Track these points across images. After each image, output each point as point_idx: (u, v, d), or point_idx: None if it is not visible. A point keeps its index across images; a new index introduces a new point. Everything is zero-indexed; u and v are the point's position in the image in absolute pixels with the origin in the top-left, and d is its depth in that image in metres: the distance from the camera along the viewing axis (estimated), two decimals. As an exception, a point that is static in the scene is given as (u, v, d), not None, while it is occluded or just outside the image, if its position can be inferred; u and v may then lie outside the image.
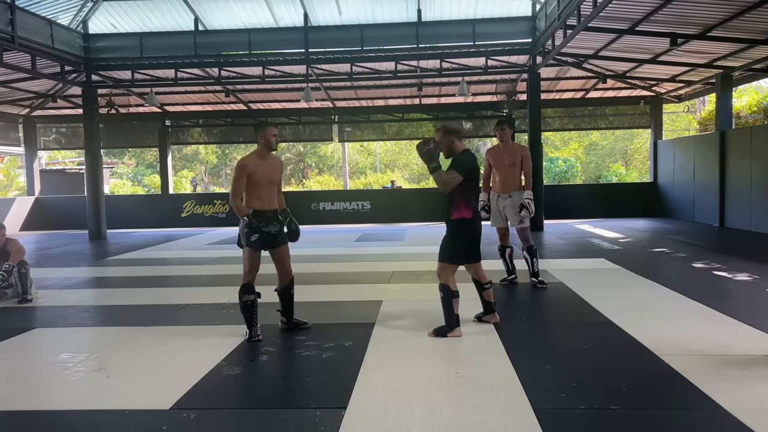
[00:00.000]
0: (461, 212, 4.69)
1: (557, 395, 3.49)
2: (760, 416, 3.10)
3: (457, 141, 4.74)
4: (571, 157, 29.88)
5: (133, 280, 8.02)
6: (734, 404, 3.25)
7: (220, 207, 17.05)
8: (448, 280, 4.69)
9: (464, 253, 4.78)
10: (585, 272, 7.66)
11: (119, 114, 16.07)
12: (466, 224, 4.72)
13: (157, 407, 3.46)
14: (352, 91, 16.19)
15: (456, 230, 4.75)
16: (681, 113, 26.07)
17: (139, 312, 5.97)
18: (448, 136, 4.72)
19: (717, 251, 9.34)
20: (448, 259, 4.73)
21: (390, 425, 3.12)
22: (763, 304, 5.64)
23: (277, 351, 4.49)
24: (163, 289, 7.25)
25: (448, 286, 4.67)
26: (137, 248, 11.81)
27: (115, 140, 18.80)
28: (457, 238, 4.76)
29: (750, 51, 11.29)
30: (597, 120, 17.75)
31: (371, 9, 13.05)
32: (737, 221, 12.33)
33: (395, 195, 18.30)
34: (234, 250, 11.04)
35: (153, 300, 6.54)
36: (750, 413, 3.13)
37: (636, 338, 4.54)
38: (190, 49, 13.18)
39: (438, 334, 4.70)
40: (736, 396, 3.37)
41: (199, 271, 8.68)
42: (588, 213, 16.04)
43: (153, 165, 32.58)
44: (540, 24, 12.14)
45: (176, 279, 8.19)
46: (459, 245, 4.75)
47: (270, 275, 5.37)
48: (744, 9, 9.11)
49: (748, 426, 3.00)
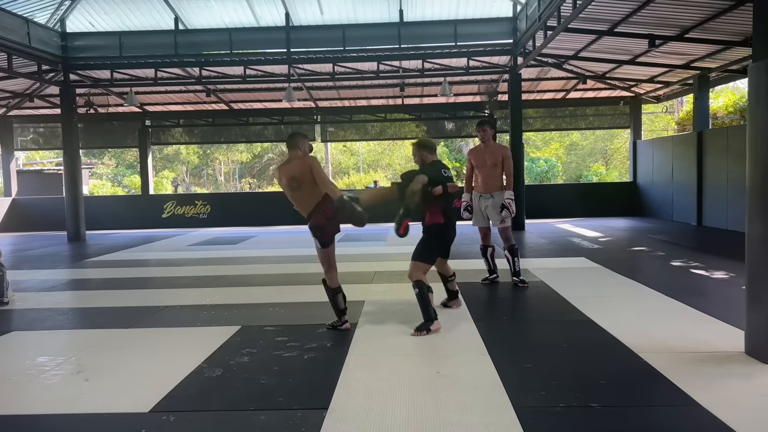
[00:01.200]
0: (434, 218, 5.07)
1: (537, 393, 3.52)
2: (735, 412, 3.15)
3: (427, 154, 5.23)
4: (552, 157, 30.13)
5: (112, 282, 7.93)
6: (710, 400, 3.30)
7: (201, 207, 16.93)
8: (421, 277, 4.97)
9: (435, 254, 5.13)
10: (565, 271, 7.73)
11: (98, 114, 15.90)
12: (438, 228, 5.09)
13: (136, 410, 3.42)
14: (334, 91, 16.16)
15: (430, 234, 5.11)
16: (660, 114, 26.41)
17: (119, 314, 5.91)
18: (420, 150, 5.25)
19: (695, 249, 9.48)
20: (421, 258, 5.04)
21: (371, 425, 3.12)
22: (738, 302, 5.71)
23: (259, 352, 4.47)
24: (144, 291, 7.18)
25: (422, 281, 4.94)
26: (117, 250, 11.67)
27: (95, 140, 18.59)
28: (431, 240, 5.10)
29: (726, 52, 11.47)
30: (577, 120, 17.92)
31: (353, 9, 13.05)
32: (714, 220, 12.52)
33: (378, 195, 18.26)
34: (216, 251, 11.03)
35: (133, 302, 6.47)
36: (725, 409, 3.19)
37: (615, 336, 4.59)
38: (171, 48, 13.06)
39: (420, 331, 4.81)
40: (712, 392, 3.43)
41: (180, 272, 8.61)
42: (569, 212, 16.19)
43: (133, 165, 32.22)
44: (521, 25, 12.22)
45: (157, 280, 8.11)
46: (433, 247, 5.10)
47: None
48: (720, 11, 9.25)
49: (723, 421, 3.05)
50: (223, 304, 6.21)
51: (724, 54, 11.61)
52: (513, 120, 13.30)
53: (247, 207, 17.27)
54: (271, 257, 9.93)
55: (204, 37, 13.36)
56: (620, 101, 16.82)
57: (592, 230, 12.79)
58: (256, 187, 36.23)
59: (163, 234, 14.91)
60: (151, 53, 13.18)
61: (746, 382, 3.59)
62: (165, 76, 13.97)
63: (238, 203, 17.91)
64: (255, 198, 20.68)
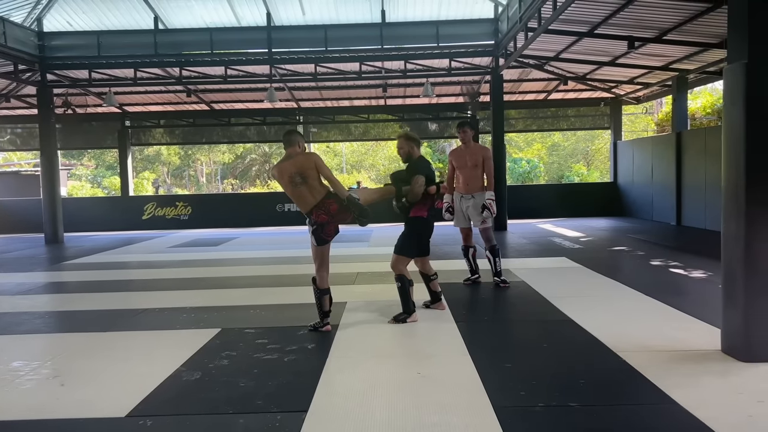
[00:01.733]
0: (419, 211, 5.19)
1: (517, 393, 3.53)
2: (711, 410, 3.19)
3: (416, 148, 5.29)
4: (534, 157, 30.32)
5: (91, 285, 7.82)
6: (687, 399, 3.34)
7: (182, 209, 16.77)
8: (403, 271, 5.18)
9: (417, 247, 5.26)
10: (546, 271, 7.77)
11: (77, 114, 15.68)
12: (421, 222, 5.22)
13: (113, 415, 3.37)
14: (316, 91, 16.11)
15: (413, 227, 5.24)
16: (639, 114, 26.69)
17: (97, 317, 5.82)
18: (410, 142, 5.27)
19: (674, 249, 9.59)
20: (403, 252, 5.21)
21: (351, 427, 3.11)
22: (716, 300, 5.78)
23: (239, 355, 4.43)
24: (122, 294, 7.09)
25: (404, 275, 5.17)
26: (96, 252, 11.52)
27: (73, 141, 18.33)
28: (414, 233, 5.25)
29: (703, 54, 11.63)
30: (559, 121, 18.05)
31: (335, 9, 13.01)
32: (693, 219, 12.69)
33: (361, 196, 18.24)
34: (197, 253, 10.93)
35: (111, 305, 6.39)
36: (701, 407, 3.22)
37: (595, 335, 4.62)
38: (150, 48, 12.92)
39: (397, 321, 5.10)
40: (689, 390, 3.46)
41: (160, 274, 8.52)
42: (550, 213, 16.30)
43: (113, 166, 31.85)
44: (502, 26, 12.28)
45: (136, 283, 8.01)
46: (414, 240, 5.24)
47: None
48: (696, 14, 9.37)
49: (699, 419, 3.08)
50: (203, 306, 6.16)
51: (701, 56, 11.77)
52: (495, 121, 13.36)
53: (228, 208, 17.15)
54: (252, 259, 9.86)
55: (184, 36, 13.23)
56: (601, 102, 16.99)
57: (573, 230, 12.89)
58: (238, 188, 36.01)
59: (143, 236, 14.75)
60: (131, 53, 13.03)
61: (722, 380, 3.63)
62: (145, 77, 13.82)
63: (219, 204, 17.78)
64: (237, 199, 20.53)
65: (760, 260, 3.86)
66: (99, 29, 13.27)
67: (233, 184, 36.89)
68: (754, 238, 3.86)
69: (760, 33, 3.84)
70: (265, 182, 34.22)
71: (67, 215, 14.48)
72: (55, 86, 13.92)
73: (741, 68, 3.89)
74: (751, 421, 3.06)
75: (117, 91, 15.00)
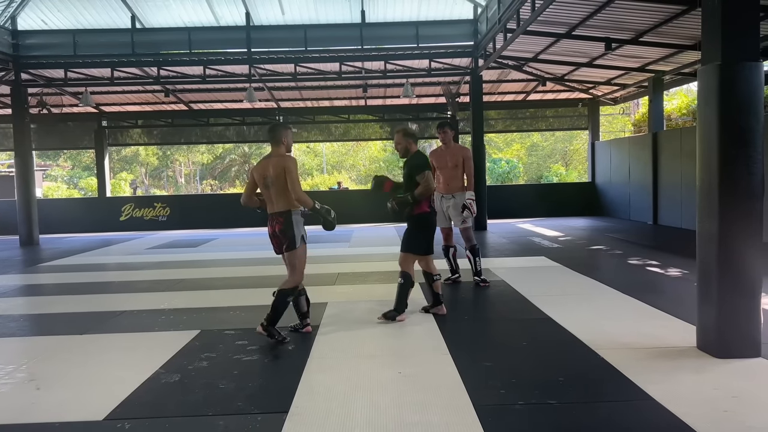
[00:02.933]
0: (421, 207, 5.23)
1: (497, 392, 3.56)
2: (686, 406, 3.24)
3: (413, 143, 5.39)
4: (513, 158, 30.57)
5: (67, 287, 7.70)
6: (663, 395, 3.39)
7: (160, 210, 16.58)
8: (409, 269, 5.23)
9: (424, 244, 5.30)
10: (526, 270, 7.84)
11: (52, 114, 15.39)
12: (425, 217, 5.29)
13: (90, 418, 3.33)
14: (296, 91, 16.05)
15: (418, 223, 5.29)
16: (617, 115, 27.05)
17: (73, 320, 5.74)
18: (407, 138, 5.36)
19: (650, 248, 9.73)
20: (411, 249, 5.27)
21: (332, 428, 3.11)
22: (691, 298, 5.87)
23: (218, 357, 4.39)
24: (100, 296, 7.00)
25: (409, 275, 5.20)
26: (72, 254, 11.35)
27: (49, 141, 18.03)
28: (420, 230, 5.30)
29: (679, 56, 11.81)
30: (538, 122, 18.21)
31: (314, 9, 12.97)
32: (669, 219, 12.88)
33: (342, 196, 18.21)
34: (176, 254, 10.81)
35: (88, 307, 6.30)
36: (677, 403, 3.27)
37: (573, 333, 4.67)
38: (127, 47, 12.77)
39: (387, 318, 5.15)
40: (666, 387, 3.52)
41: (137, 276, 8.42)
42: (530, 212, 16.42)
43: (90, 167, 31.41)
44: (481, 27, 12.35)
45: (113, 285, 7.91)
46: (421, 237, 5.29)
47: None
48: (672, 16, 9.52)
49: (675, 415, 3.13)
50: (182, 308, 6.10)
51: (676, 57, 11.96)
52: (474, 121, 13.43)
53: (208, 209, 16.99)
54: (232, 260, 9.79)
55: (162, 36, 13.09)
56: (579, 103, 17.18)
57: (552, 230, 13.01)
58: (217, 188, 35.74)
59: (120, 237, 14.56)
60: (107, 52, 12.86)
61: (698, 376, 3.69)
62: (122, 76, 13.65)
63: (198, 205, 17.60)
64: (216, 200, 20.36)
65: (733, 258, 3.94)
66: (75, 28, 13.07)
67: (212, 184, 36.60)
68: (728, 236, 3.93)
69: (733, 35, 3.92)
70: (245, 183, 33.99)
71: (42, 217, 14.24)
72: (30, 85, 13.69)
73: (715, 69, 3.96)
74: (726, 416, 3.12)
75: (93, 90, 14.77)
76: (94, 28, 13.13)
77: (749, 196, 3.91)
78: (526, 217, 16.27)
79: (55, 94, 14.90)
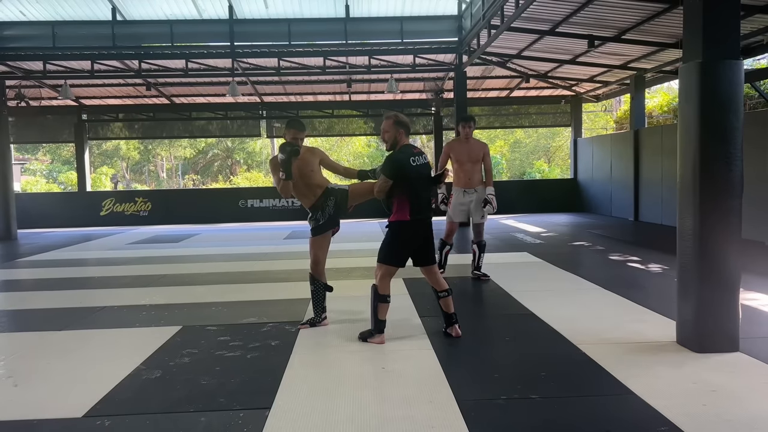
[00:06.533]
0: (399, 214, 4.42)
1: (480, 386, 3.57)
2: (666, 399, 3.28)
3: (405, 135, 4.49)
4: (497, 154, 30.67)
5: (46, 283, 7.60)
6: (643, 389, 3.43)
7: (142, 205, 16.41)
8: (381, 282, 4.44)
9: (401, 255, 4.49)
10: (509, 266, 7.87)
11: (31, 107, 15.17)
12: (402, 226, 4.43)
13: (69, 415, 3.28)
14: (280, 86, 15.95)
15: (393, 232, 4.48)
16: (599, 112, 27.28)
17: (52, 316, 5.66)
18: (398, 127, 4.45)
19: (632, 244, 9.83)
20: (382, 259, 4.50)
21: (315, 424, 3.10)
22: (671, 293, 5.95)
23: (200, 353, 4.36)
24: (80, 291, 6.90)
25: (377, 289, 4.43)
26: (52, 249, 11.19)
27: (27, 135, 17.73)
28: (394, 239, 4.47)
29: (660, 54, 11.93)
30: (521, 118, 18.30)
31: (299, 3, 12.88)
32: (650, 215, 13.03)
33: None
34: (157, 249, 10.71)
35: (68, 303, 6.22)
36: (657, 397, 3.31)
37: (555, 328, 4.71)
38: (108, 40, 12.57)
39: (361, 338, 4.53)
40: (645, 381, 3.56)
41: (118, 271, 8.32)
42: (513, 208, 16.48)
43: (70, 161, 30.94)
44: (466, 23, 12.36)
45: (93, 280, 7.81)
46: (395, 247, 4.46)
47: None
48: (654, 14, 9.60)
49: (655, 408, 3.17)
50: (163, 303, 6.04)
51: (658, 55, 12.07)
52: (458, 117, 13.43)
53: (190, 204, 16.86)
54: (214, 255, 9.72)
55: (143, 28, 12.91)
56: (562, 100, 17.28)
57: (534, 226, 13.09)
58: (200, 183, 35.40)
59: (101, 232, 14.39)
60: (88, 44, 12.64)
61: (677, 371, 3.74)
62: (102, 69, 13.44)
63: (180, 200, 17.44)
64: (198, 195, 20.20)
65: (712, 255, 3.99)
66: (54, 20, 12.85)
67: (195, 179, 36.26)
68: (707, 233, 3.98)
69: (714, 34, 3.96)
70: (228, 178, 33.74)
71: (20, 211, 14.04)
72: (8, 77, 13.45)
73: (695, 67, 4.00)
74: (704, 409, 3.16)
75: (73, 83, 14.55)
76: (73, 20, 12.90)
77: (729, 193, 3.96)
78: (508, 213, 16.34)
79: (34, 86, 14.65)
